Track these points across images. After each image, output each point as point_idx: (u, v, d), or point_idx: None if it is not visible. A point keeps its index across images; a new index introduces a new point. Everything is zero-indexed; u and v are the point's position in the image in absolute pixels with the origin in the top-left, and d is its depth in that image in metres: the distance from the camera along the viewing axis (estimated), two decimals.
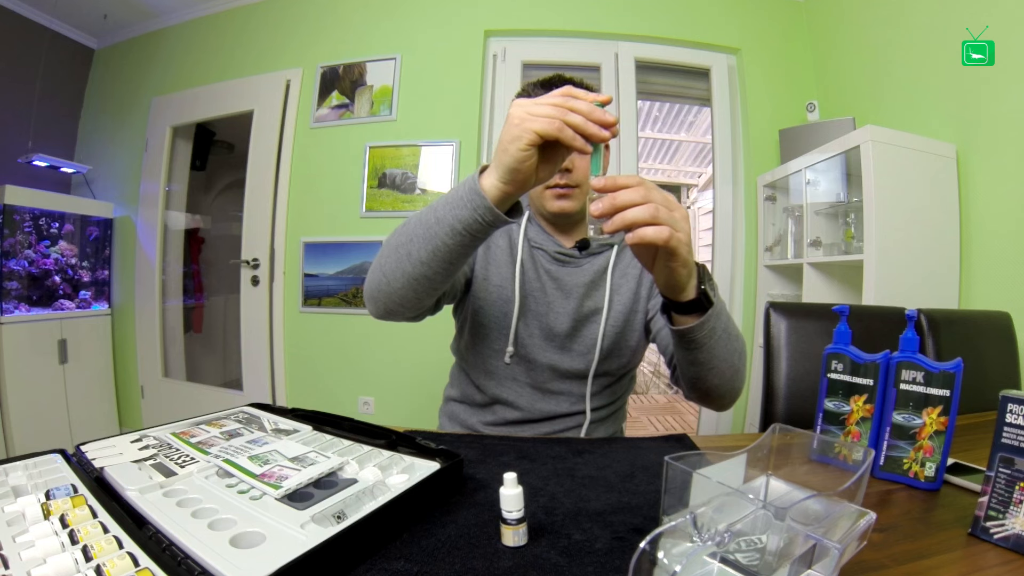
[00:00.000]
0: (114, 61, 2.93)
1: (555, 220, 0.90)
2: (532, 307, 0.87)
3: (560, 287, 0.88)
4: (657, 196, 0.49)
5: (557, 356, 0.86)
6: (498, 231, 0.89)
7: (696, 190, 4.44)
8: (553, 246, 0.88)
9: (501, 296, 0.86)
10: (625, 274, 0.89)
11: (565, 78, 0.82)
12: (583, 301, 0.87)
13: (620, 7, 2.31)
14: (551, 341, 0.86)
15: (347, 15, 2.44)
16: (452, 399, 0.96)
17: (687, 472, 0.37)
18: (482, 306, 0.87)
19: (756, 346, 2.17)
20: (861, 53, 2.05)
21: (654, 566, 0.31)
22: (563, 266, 0.88)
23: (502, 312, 0.86)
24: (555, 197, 0.84)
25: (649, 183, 0.51)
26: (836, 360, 0.63)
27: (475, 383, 0.90)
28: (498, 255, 0.89)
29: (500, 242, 0.89)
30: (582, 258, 0.89)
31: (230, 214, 3.20)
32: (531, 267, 0.88)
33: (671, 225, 0.49)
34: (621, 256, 0.91)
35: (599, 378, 0.88)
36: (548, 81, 0.82)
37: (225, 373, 3.28)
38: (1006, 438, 0.43)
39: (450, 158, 2.27)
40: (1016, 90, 1.41)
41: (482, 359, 0.88)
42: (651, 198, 0.49)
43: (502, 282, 0.87)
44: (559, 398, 0.87)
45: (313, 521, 0.38)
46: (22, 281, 2.38)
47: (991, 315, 1.21)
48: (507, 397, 0.87)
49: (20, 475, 0.44)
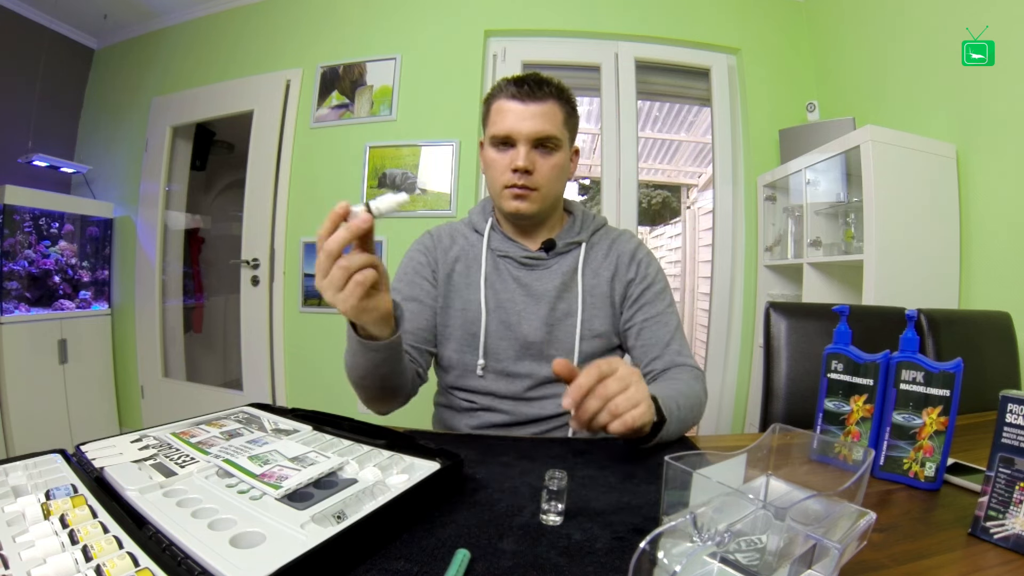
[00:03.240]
0: (114, 61, 2.93)
1: (515, 221, 0.88)
2: (503, 319, 0.85)
3: (530, 293, 0.86)
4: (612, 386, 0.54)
5: (535, 365, 0.84)
6: (457, 249, 0.89)
7: (696, 190, 4.44)
8: (519, 251, 0.87)
9: (467, 318, 0.85)
10: (597, 274, 0.88)
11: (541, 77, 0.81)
12: (555, 304, 0.85)
13: (620, 7, 2.31)
14: (527, 350, 0.85)
15: (347, 15, 2.44)
16: (439, 404, 0.95)
17: (687, 472, 0.37)
18: (450, 332, 0.86)
19: (756, 346, 2.17)
20: (861, 53, 2.05)
21: (654, 566, 0.31)
22: (531, 270, 0.87)
23: (470, 333, 0.85)
24: (512, 197, 0.82)
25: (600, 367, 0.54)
26: (836, 360, 0.63)
27: (457, 395, 0.89)
28: (458, 280, 0.87)
29: (459, 268, 0.88)
30: (550, 259, 0.87)
31: (230, 214, 3.20)
32: (497, 279, 0.86)
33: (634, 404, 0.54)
34: (591, 255, 0.89)
35: None
36: (521, 79, 0.81)
37: (225, 373, 3.28)
38: (1006, 438, 0.43)
39: (450, 158, 2.27)
40: (1016, 90, 1.41)
41: (460, 374, 0.87)
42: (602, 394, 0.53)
43: (466, 304, 0.85)
44: (543, 402, 0.85)
45: (313, 521, 0.38)
46: (22, 281, 2.38)
47: (991, 315, 1.21)
48: (490, 405, 0.85)
49: (20, 475, 0.44)
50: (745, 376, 2.24)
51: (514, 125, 0.79)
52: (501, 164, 0.81)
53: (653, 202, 5.08)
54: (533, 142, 0.80)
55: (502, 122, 0.80)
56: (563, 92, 0.83)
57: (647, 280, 0.88)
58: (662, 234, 4.86)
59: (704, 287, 3.55)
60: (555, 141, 0.81)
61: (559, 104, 0.81)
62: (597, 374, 0.53)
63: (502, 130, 0.80)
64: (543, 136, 0.80)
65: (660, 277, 0.90)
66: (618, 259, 0.90)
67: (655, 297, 0.87)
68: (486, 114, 0.86)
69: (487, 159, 0.84)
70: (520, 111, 0.79)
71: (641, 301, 0.87)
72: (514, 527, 0.44)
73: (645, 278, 0.89)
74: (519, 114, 0.79)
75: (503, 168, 0.81)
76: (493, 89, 0.84)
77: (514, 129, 0.79)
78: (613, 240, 0.92)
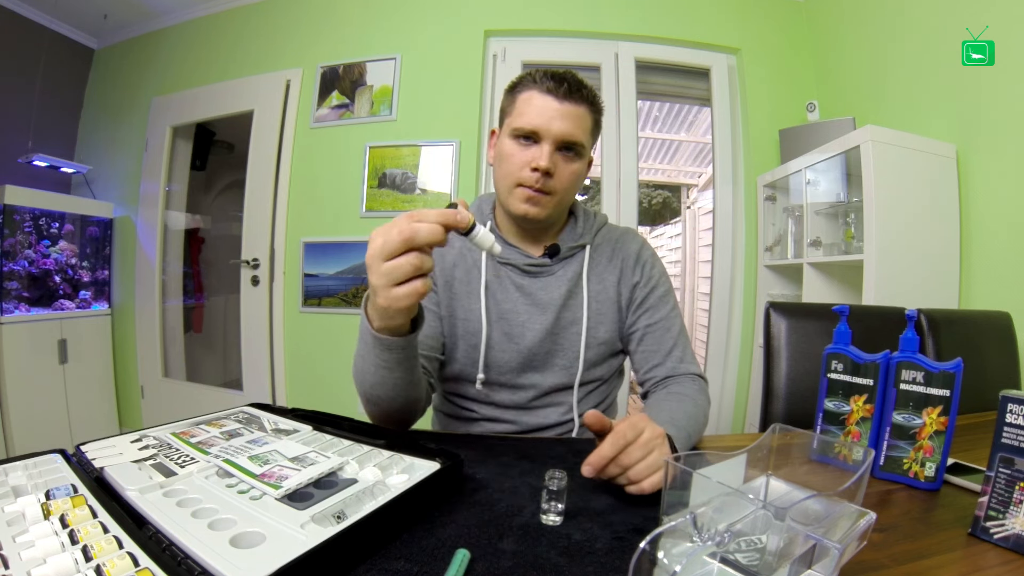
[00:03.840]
0: (114, 61, 2.93)
1: (522, 224, 0.82)
2: (506, 330, 0.81)
3: (535, 303, 0.82)
4: (634, 454, 0.51)
5: (539, 376, 0.82)
6: (454, 253, 0.85)
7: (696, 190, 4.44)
8: (521, 258, 0.82)
9: (468, 329, 0.81)
10: (602, 279, 0.85)
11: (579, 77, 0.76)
12: (560, 313, 0.82)
13: (620, 7, 2.31)
14: (531, 362, 0.82)
15: (347, 15, 2.44)
16: (440, 411, 0.92)
17: (687, 472, 0.37)
18: (454, 342, 0.82)
19: (756, 346, 2.17)
20: (861, 53, 2.05)
21: (654, 566, 0.31)
22: (535, 278, 0.82)
23: (471, 345, 0.81)
24: (524, 199, 0.76)
25: (627, 435, 0.51)
26: (836, 360, 0.63)
27: (459, 405, 0.87)
28: (459, 288, 0.83)
29: (458, 274, 0.83)
30: (554, 265, 0.83)
31: (230, 214, 3.20)
32: (498, 287, 0.82)
33: (653, 470, 0.50)
34: (595, 259, 0.86)
35: (585, 386, 0.84)
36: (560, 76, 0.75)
37: (225, 373, 3.28)
38: (1006, 438, 0.43)
39: (450, 158, 2.27)
40: (1016, 90, 1.41)
41: (462, 387, 0.84)
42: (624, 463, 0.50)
43: (467, 315, 0.82)
44: (547, 410, 0.83)
45: (313, 521, 0.38)
46: (22, 281, 2.38)
47: (991, 315, 1.21)
48: (493, 415, 0.84)
49: (20, 475, 0.44)
50: (745, 376, 2.24)
51: (545, 121, 0.73)
52: (520, 159, 0.75)
53: (653, 202, 5.09)
54: (559, 144, 0.74)
55: (532, 115, 0.74)
56: (596, 99, 0.78)
57: (651, 283, 0.86)
58: (662, 234, 4.86)
59: (704, 287, 3.55)
60: (580, 147, 0.76)
61: (590, 111, 0.77)
62: (623, 443, 0.50)
63: (530, 123, 0.74)
64: (571, 140, 0.74)
65: (664, 280, 0.88)
66: (623, 262, 0.87)
67: (658, 301, 0.85)
68: (510, 103, 0.79)
69: (504, 150, 0.77)
70: (554, 108, 0.73)
71: (645, 306, 0.85)
72: (514, 527, 0.44)
73: (650, 281, 0.86)
74: (552, 111, 0.73)
75: (521, 164, 0.75)
76: (523, 78, 0.78)
77: (544, 126, 0.73)
78: (616, 241, 0.89)
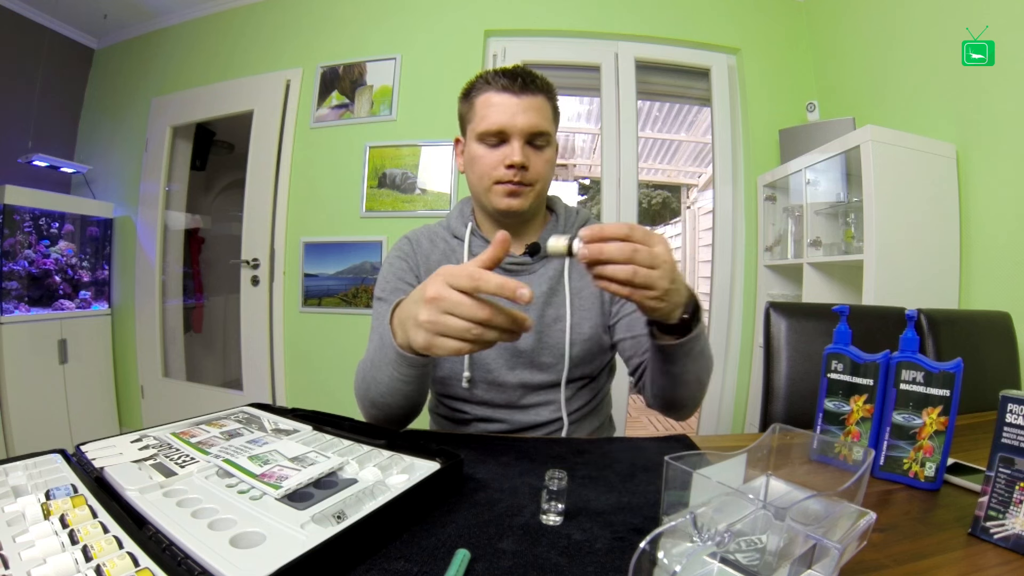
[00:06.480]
0: (114, 61, 2.93)
1: (502, 220, 0.83)
2: None
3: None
4: (642, 255, 0.49)
5: (527, 373, 0.82)
6: (438, 254, 0.86)
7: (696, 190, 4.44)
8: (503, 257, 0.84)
9: None
10: (584, 275, 0.84)
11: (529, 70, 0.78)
12: (544, 310, 0.82)
13: (620, 7, 2.31)
14: (518, 359, 0.82)
15: (347, 15, 2.44)
16: (436, 413, 0.93)
17: (687, 472, 0.37)
18: None
19: (756, 346, 2.17)
20: (861, 53, 2.05)
21: (654, 566, 0.31)
22: (516, 276, 0.83)
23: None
24: (505, 194, 0.78)
25: (636, 231, 0.49)
26: (836, 360, 0.63)
27: (451, 407, 0.87)
28: None
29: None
30: (535, 263, 0.84)
31: (230, 214, 3.20)
32: None
33: (648, 285, 0.49)
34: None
35: (573, 383, 0.84)
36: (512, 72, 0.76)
37: (225, 373, 3.28)
38: (1006, 438, 0.43)
39: (450, 158, 2.27)
40: (1016, 90, 1.41)
41: (451, 387, 0.85)
42: (634, 259, 0.48)
43: None
44: (538, 409, 0.84)
45: (313, 521, 0.38)
46: (22, 281, 2.38)
47: (991, 315, 1.21)
48: (485, 415, 0.84)
49: (20, 475, 0.44)
50: (745, 376, 2.24)
51: (509, 118, 0.75)
52: (492, 159, 0.77)
53: (653, 202, 5.09)
54: (527, 137, 0.76)
55: (495, 115, 0.76)
56: (550, 87, 0.81)
57: None
58: (662, 234, 4.86)
59: (704, 287, 3.55)
60: (547, 136, 0.79)
61: (548, 99, 0.79)
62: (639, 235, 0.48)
63: (495, 123, 0.76)
64: (538, 130, 0.77)
65: None
66: None
67: None
68: (468, 108, 0.81)
69: (474, 154, 0.79)
70: (514, 104, 0.75)
71: None
72: (514, 527, 0.44)
73: None
74: (513, 107, 0.75)
75: (495, 163, 0.77)
76: (476, 82, 0.79)
77: (509, 123, 0.75)
78: None
